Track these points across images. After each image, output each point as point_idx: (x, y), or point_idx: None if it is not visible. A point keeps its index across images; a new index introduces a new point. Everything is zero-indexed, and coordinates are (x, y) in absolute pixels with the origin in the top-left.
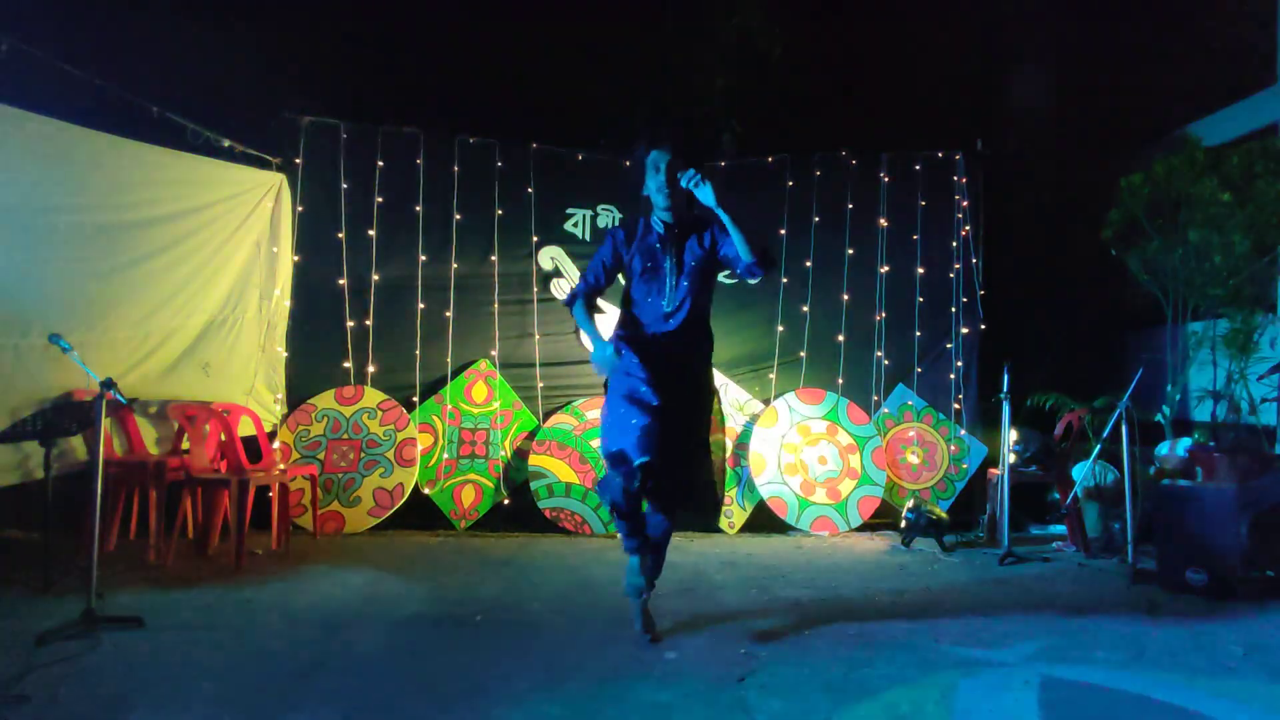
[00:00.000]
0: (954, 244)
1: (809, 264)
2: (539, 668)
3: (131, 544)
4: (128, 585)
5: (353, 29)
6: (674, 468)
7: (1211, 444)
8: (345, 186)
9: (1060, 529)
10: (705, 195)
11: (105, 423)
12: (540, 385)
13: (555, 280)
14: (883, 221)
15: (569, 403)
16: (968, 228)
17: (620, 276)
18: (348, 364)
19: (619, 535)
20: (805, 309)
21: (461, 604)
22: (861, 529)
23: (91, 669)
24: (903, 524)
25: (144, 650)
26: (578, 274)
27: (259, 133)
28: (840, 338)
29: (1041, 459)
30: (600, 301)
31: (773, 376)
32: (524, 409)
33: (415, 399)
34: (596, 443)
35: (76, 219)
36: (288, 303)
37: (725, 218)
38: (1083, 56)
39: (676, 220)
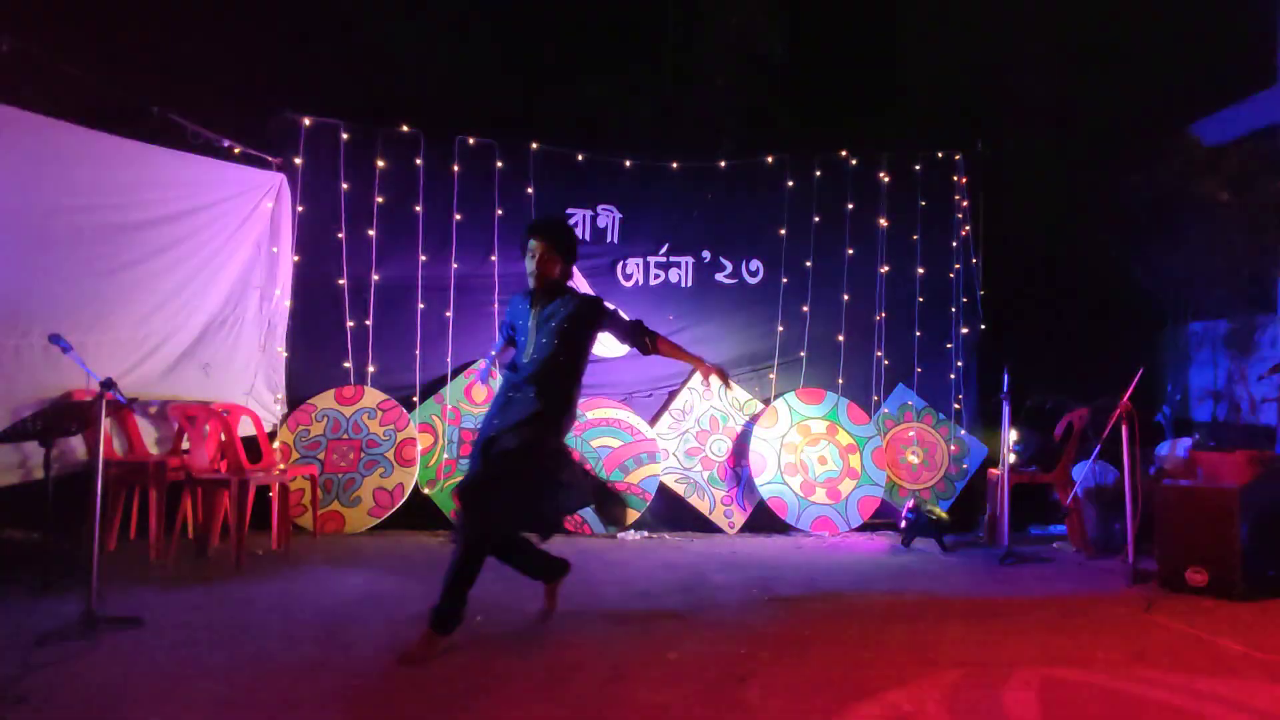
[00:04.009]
0: (954, 244)
1: (809, 264)
2: (539, 668)
3: (131, 544)
4: (128, 585)
5: (353, 29)
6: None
7: (1211, 444)
8: (345, 186)
9: (1060, 529)
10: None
11: (105, 423)
12: None
13: None
14: (883, 221)
15: None
16: (967, 228)
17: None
18: (348, 364)
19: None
20: (805, 309)
21: None
22: (861, 529)
23: (91, 669)
24: (903, 524)
25: (144, 650)
26: (578, 274)
27: (259, 133)
28: (840, 338)
29: (1041, 459)
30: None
31: (773, 376)
32: None
33: (415, 399)
34: (597, 443)
35: (76, 219)
36: (288, 303)
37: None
38: (1083, 56)
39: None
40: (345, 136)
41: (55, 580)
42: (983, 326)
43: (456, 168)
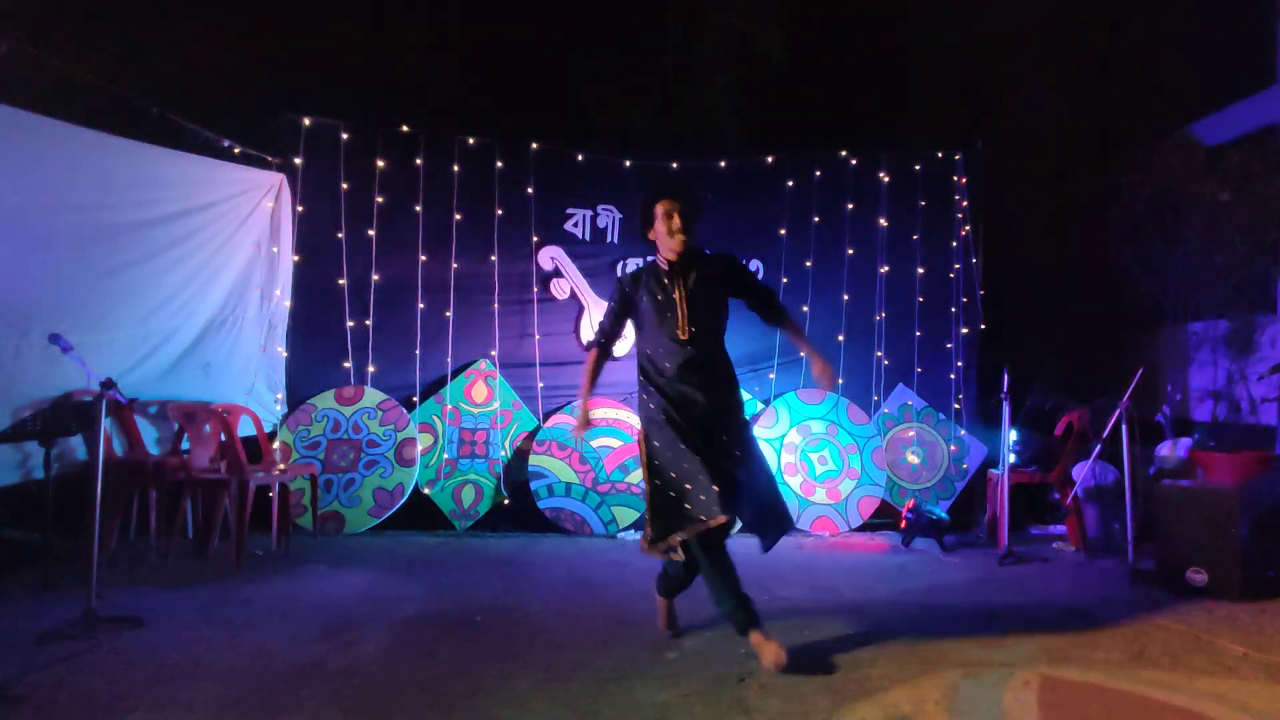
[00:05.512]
0: (954, 244)
1: (809, 264)
2: (539, 668)
3: (131, 544)
4: (128, 585)
5: (352, 29)
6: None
7: (1211, 444)
8: (345, 186)
9: (1060, 529)
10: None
11: (105, 423)
12: (540, 385)
13: (555, 280)
14: (883, 221)
15: (569, 403)
16: (967, 228)
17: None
18: (348, 364)
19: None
20: (805, 309)
21: (461, 604)
22: (861, 529)
23: (91, 669)
24: (903, 524)
25: (144, 650)
26: (578, 274)
27: (259, 133)
28: (840, 338)
29: (1041, 459)
30: None
31: (773, 376)
32: (524, 409)
33: (415, 399)
34: (597, 443)
35: (76, 219)
36: (288, 303)
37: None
38: (1083, 56)
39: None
40: (345, 136)
41: (55, 580)
42: (983, 326)
43: (456, 168)
